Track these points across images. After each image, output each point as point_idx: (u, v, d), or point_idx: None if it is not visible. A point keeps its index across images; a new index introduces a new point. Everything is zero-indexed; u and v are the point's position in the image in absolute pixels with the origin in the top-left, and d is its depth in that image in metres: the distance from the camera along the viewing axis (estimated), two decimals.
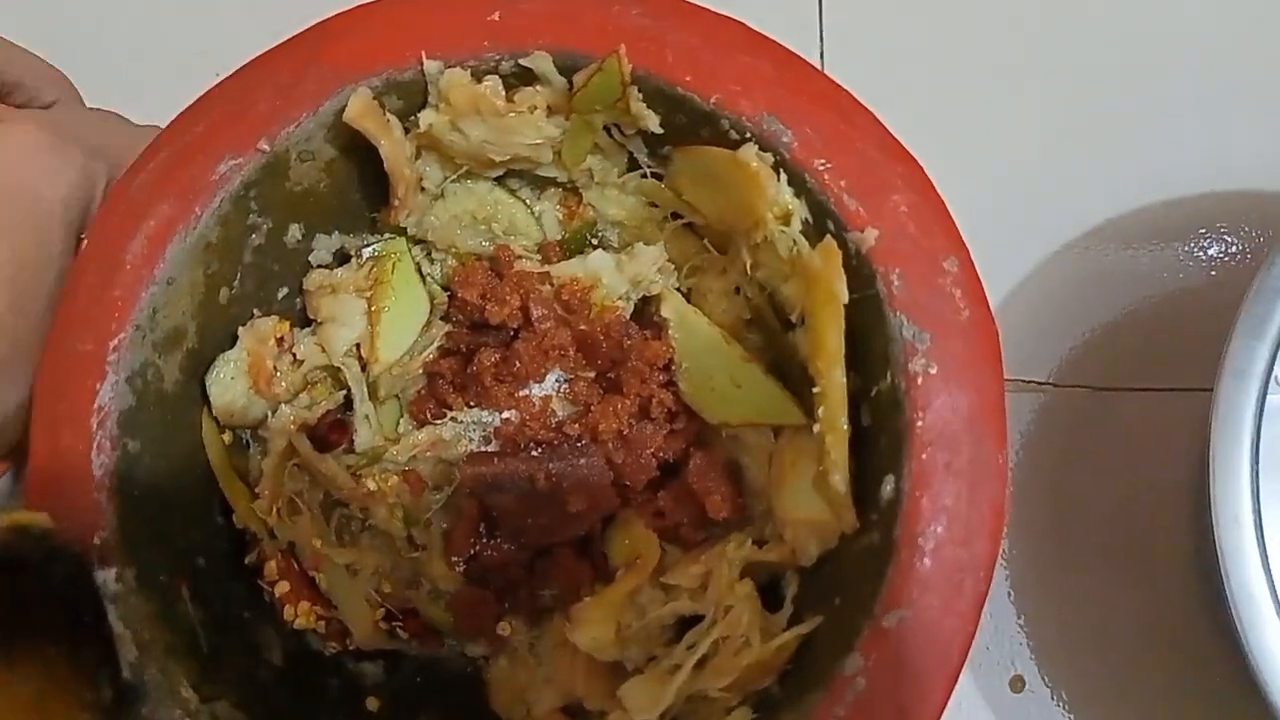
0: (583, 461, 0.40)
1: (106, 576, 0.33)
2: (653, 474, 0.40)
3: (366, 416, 0.41)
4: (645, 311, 0.42)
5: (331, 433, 0.41)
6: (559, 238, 0.43)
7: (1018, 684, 0.47)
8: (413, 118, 0.38)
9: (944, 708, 0.31)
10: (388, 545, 0.41)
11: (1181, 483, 0.47)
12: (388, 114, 0.37)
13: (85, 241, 0.36)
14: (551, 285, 0.41)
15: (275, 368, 0.40)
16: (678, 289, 0.41)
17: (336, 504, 0.41)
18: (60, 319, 0.36)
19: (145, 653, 0.33)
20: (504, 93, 0.37)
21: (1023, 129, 0.51)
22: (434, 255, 0.43)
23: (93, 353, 0.35)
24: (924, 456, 0.32)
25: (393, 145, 0.37)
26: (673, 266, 0.41)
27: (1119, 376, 0.49)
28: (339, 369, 0.41)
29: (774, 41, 0.37)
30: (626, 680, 0.36)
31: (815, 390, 0.34)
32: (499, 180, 0.41)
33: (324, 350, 0.40)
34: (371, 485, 0.40)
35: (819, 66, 0.51)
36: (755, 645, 0.34)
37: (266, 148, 0.36)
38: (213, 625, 0.36)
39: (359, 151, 0.38)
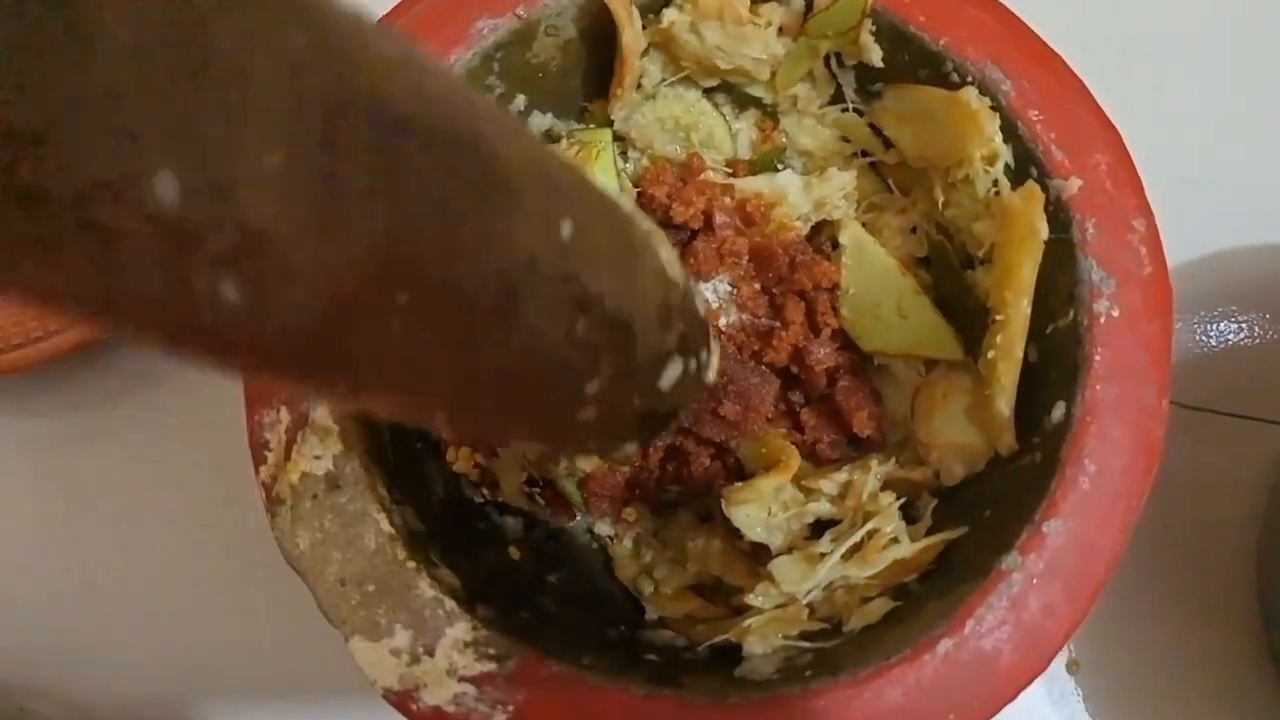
0: (755, 381, 0.42)
1: None
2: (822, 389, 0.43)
3: None
4: (813, 241, 0.45)
5: None
6: (747, 157, 0.45)
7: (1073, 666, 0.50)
8: (653, 15, 0.41)
9: (1085, 616, 0.34)
10: None
11: (1249, 514, 0.50)
12: (633, 4, 0.40)
13: None
14: (732, 199, 0.44)
15: None
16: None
17: None
18: None
19: (350, 449, 0.35)
20: (749, 2, 0.40)
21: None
22: (629, 154, 0.45)
23: None
24: (1098, 388, 0.35)
25: (633, 34, 0.40)
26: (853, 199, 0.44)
27: (1210, 398, 0.51)
28: None
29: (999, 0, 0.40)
30: (765, 563, 0.39)
31: (997, 319, 0.37)
32: (707, 92, 0.44)
33: None
34: None
35: None
36: (905, 543, 0.37)
37: (522, 14, 0.39)
38: (394, 445, 0.38)
39: (594, 38, 0.41)
